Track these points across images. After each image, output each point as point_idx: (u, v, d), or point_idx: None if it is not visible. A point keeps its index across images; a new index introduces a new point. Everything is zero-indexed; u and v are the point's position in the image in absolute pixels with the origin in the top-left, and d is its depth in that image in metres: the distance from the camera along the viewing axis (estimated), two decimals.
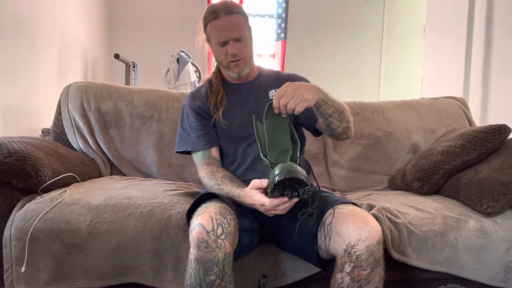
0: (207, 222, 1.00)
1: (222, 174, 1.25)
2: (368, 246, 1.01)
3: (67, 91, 1.83)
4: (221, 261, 0.98)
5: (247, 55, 1.30)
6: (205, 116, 1.36)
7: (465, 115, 2.00)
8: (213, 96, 1.36)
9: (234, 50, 1.26)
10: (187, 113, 1.38)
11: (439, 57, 3.12)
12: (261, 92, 1.37)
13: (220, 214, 1.04)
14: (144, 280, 1.22)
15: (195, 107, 1.37)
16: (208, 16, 1.28)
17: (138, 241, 1.20)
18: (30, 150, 1.32)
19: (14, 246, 1.18)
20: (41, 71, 2.80)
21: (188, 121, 1.37)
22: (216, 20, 1.25)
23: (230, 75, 1.35)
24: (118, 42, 4.29)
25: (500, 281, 1.28)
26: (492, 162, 1.47)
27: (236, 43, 1.26)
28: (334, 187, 1.86)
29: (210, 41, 1.31)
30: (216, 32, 1.26)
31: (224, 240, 0.99)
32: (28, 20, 2.59)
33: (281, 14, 4.63)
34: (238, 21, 1.26)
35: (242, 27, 1.27)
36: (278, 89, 1.26)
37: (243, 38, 1.27)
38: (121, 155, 1.79)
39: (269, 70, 1.45)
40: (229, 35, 1.25)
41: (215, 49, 1.31)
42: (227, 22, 1.24)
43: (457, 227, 1.29)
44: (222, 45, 1.27)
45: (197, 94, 1.41)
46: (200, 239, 0.98)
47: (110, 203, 1.26)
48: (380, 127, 1.91)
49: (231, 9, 1.26)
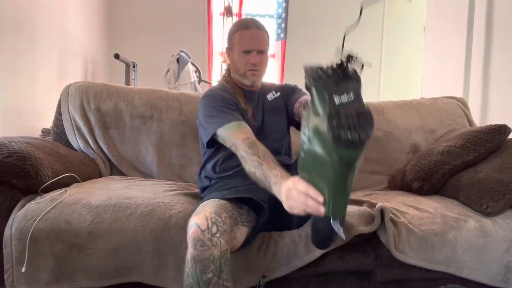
0: (202, 222, 1.02)
1: (264, 149, 1.18)
2: None
3: (67, 91, 1.83)
4: (217, 258, 0.99)
5: (263, 68, 1.45)
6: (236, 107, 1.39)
7: (465, 115, 2.00)
8: (237, 95, 1.44)
9: (256, 60, 1.40)
10: (217, 97, 1.38)
11: (439, 57, 3.12)
12: (262, 97, 1.52)
13: (215, 213, 1.05)
14: (145, 280, 1.22)
15: (227, 96, 1.40)
16: (239, 26, 1.42)
17: (139, 241, 1.20)
18: (30, 150, 1.32)
19: (14, 246, 1.18)
20: (41, 71, 2.80)
21: (216, 100, 1.37)
22: (246, 30, 1.40)
23: (243, 82, 1.46)
24: (118, 42, 4.29)
25: (500, 281, 1.27)
26: (492, 162, 1.47)
27: (258, 55, 1.40)
28: None
29: (232, 48, 1.44)
30: (244, 40, 1.39)
31: (220, 238, 1.01)
32: (28, 20, 2.59)
33: (281, 14, 4.63)
34: (264, 36, 1.42)
35: (266, 43, 1.43)
36: (273, 92, 1.54)
37: (265, 52, 1.42)
38: (121, 155, 1.79)
39: (271, 83, 1.61)
40: (255, 45, 1.39)
41: (236, 57, 1.42)
42: (255, 34, 1.40)
43: (456, 226, 1.29)
44: (245, 53, 1.39)
45: (223, 87, 1.46)
46: (195, 238, 1.00)
47: (111, 203, 1.27)
48: (380, 127, 1.91)
49: (261, 26, 1.43)
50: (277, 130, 1.50)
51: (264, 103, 1.51)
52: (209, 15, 4.40)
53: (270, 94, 1.53)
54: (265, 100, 1.52)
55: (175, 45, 3.84)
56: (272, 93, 1.54)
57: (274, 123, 1.50)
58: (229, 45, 1.46)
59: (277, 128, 1.51)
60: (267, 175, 1.10)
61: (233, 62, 1.46)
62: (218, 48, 4.52)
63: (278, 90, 1.56)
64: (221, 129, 1.29)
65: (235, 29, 1.43)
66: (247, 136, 1.23)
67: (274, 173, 1.09)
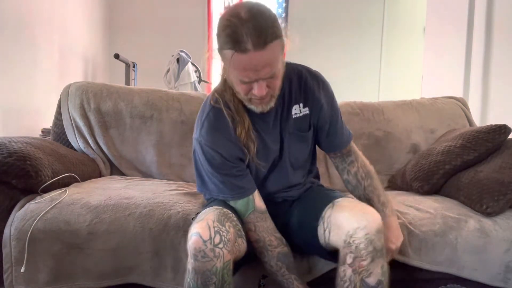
0: (204, 231, 0.95)
1: (277, 253, 1.11)
2: (367, 234, 0.97)
3: (67, 91, 1.83)
4: (219, 270, 0.94)
5: (276, 89, 1.03)
6: (238, 159, 1.10)
7: (465, 115, 2.00)
8: (240, 128, 1.08)
9: (261, 92, 0.98)
10: (213, 157, 1.08)
11: (439, 57, 3.12)
12: (285, 110, 1.15)
13: (218, 222, 0.98)
14: (144, 280, 1.22)
15: (225, 152, 1.08)
16: (230, 41, 0.92)
17: (138, 241, 1.20)
18: (30, 150, 1.32)
19: (13, 246, 1.18)
20: (41, 71, 2.80)
21: (217, 168, 1.08)
22: (241, 54, 0.91)
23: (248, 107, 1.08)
24: (118, 42, 4.29)
25: (500, 281, 1.27)
26: (492, 162, 1.47)
27: (265, 81, 0.97)
28: (334, 187, 1.86)
29: (225, 63, 1.01)
30: (240, 69, 0.95)
31: (223, 249, 0.95)
32: (28, 20, 2.59)
33: (281, 14, 4.63)
34: (270, 56, 0.93)
35: (276, 60, 0.96)
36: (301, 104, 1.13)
37: (275, 75, 0.98)
38: (121, 155, 1.79)
39: (292, 71, 1.16)
40: (257, 75, 0.95)
41: (234, 80, 1.00)
42: (256, 60, 0.92)
43: (457, 227, 1.29)
44: (244, 83, 0.98)
45: (222, 129, 1.08)
46: (197, 249, 0.94)
47: (110, 203, 1.26)
48: (380, 127, 1.91)
49: (265, 39, 0.90)
50: (299, 162, 1.21)
51: (287, 121, 1.15)
52: (209, 15, 4.39)
53: (295, 107, 1.14)
54: (289, 117, 1.15)
55: (175, 45, 3.84)
56: (299, 106, 1.15)
57: (297, 151, 1.19)
58: (221, 57, 1.00)
59: (301, 158, 1.21)
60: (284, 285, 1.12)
61: (229, 79, 1.04)
62: None
63: (305, 102, 1.16)
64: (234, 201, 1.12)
65: (225, 42, 0.93)
66: (257, 238, 1.11)
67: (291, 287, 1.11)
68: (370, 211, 1.03)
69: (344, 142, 1.23)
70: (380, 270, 1.00)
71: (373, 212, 1.03)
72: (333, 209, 1.06)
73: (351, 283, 1.00)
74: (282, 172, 1.20)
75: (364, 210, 1.03)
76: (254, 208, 1.11)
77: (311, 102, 1.16)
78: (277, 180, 1.21)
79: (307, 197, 1.23)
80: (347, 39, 4.54)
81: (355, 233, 0.98)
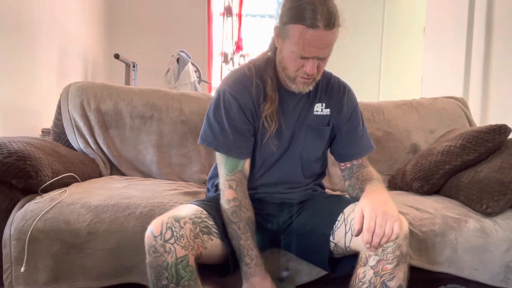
0: (155, 227, 0.97)
1: (248, 217, 1.12)
2: (396, 238, 0.97)
3: (67, 91, 1.83)
4: (171, 265, 0.95)
5: (320, 73, 1.12)
6: (250, 120, 1.15)
7: (465, 115, 2.00)
8: (268, 105, 1.14)
9: (313, 70, 1.07)
10: (229, 103, 1.13)
11: (439, 57, 3.12)
12: (307, 104, 1.21)
13: (174, 218, 0.99)
14: (144, 280, 1.21)
15: (242, 101, 1.13)
16: (302, 17, 1.01)
17: (138, 241, 1.20)
18: (30, 150, 1.32)
19: (13, 246, 1.18)
20: (41, 71, 2.80)
21: (228, 116, 1.13)
22: (311, 29, 1.01)
23: (287, 84, 1.15)
24: (118, 42, 4.29)
25: (500, 281, 1.27)
26: (492, 162, 1.47)
27: (317, 61, 1.07)
28: (334, 187, 1.86)
29: (282, 37, 1.08)
30: (305, 44, 1.03)
31: (174, 244, 0.95)
32: (28, 20, 2.59)
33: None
34: (333, 37, 1.05)
35: (333, 45, 1.07)
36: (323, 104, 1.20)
37: (327, 58, 1.09)
38: (121, 155, 1.79)
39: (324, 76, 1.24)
40: (317, 53, 1.05)
41: (288, 55, 1.08)
42: (323, 38, 1.02)
43: (457, 227, 1.29)
44: (301, 58, 1.06)
45: (247, 84, 1.15)
46: (148, 244, 0.96)
47: (110, 203, 1.26)
48: (380, 127, 1.91)
49: (334, 21, 1.02)
50: (311, 158, 1.24)
51: (307, 115, 1.20)
52: (209, 15, 4.40)
53: (318, 105, 1.21)
54: (310, 112, 1.20)
55: (175, 45, 3.84)
56: (322, 105, 1.21)
57: (311, 146, 1.22)
58: (280, 30, 1.08)
59: (313, 154, 1.24)
60: (242, 251, 1.09)
61: (281, 54, 1.10)
62: (218, 48, 4.52)
63: (328, 103, 1.22)
64: (217, 154, 1.17)
65: (296, 18, 1.02)
66: (235, 197, 1.12)
67: (250, 254, 1.09)
68: (400, 217, 1.03)
69: (359, 152, 1.25)
70: (403, 275, 1.01)
71: (403, 218, 1.03)
72: None
73: (370, 285, 1.00)
74: (290, 163, 1.22)
75: None
76: (242, 169, 1.15)
77: (333, 104, 1.23)
78: (283, 170, 1.21)
79: (317, 204, 1.23)
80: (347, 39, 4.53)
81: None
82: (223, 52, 4.53)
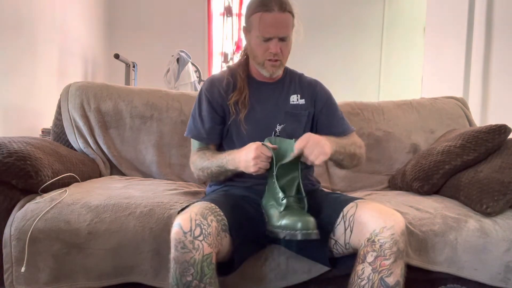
0: (185, 223, 0.99)
1: (213, 152, 1.30)
2: (393, 234, 1.01)
3: (67, 91, 1.83)
4: (198, 262, 0.96)
5: (285, 57, 1.28)
6: (217, 110, 1.33)
7: (465, 115, 2.00)
8: (236, 94, 1.31)
9: (276, 49, 1.23)
10: (202, 99, 1.36)
11: (439, 57, 3.12)
12: (283, 95, 1.36)
13: (201, 215, 1.01)
14: (144, 280, 1.22)
15: (211, 97, 1.33)
16: (259, 5, 1.22)
17: (138, 241, 1.20)
18: (30, 150, 1.32)
19: (14, 246, 1.18)
20: (41, 71, 2.80)
21: (199, 108, 1.35)
22: (267, 13, 1.20)
23: (261, 73, 1.31)
24: (118, 42, 4.29)
25: (500, 281, 1.27)
26: (492, 162, 1.47)
27: (279, 42, 1.23)
28: (334, 187, 1.86)
29: (249, 30, 1.27)
30: (264, 26, 1.21)
31: (202, 242, 0.97)
32: (28, 20, 2.59)
33: None
34: (288, 19, 1.23)
35: (289, 27, 1.24)
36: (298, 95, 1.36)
37: (287, 39, 1.25)
38: (121, 155, 1.79)
39: (294, 72, 1.43)
40: (276, 32, 1.21)
41: (254, 42, 1.26)
42: (277, 19, 1.20)
43: (457, 227, 1.29)
44: (265, 41, 1.23)
45: (217, 83, 1.35)
46: (177, 240, 0.98)
47: (110, 203, 1.26)
48: (380, 127, 1.91)
49: (285, 6, 1.22)
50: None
51: (284, 104, 1.35)
52: (209, 15, 4.40)
53: (293, 96, 1.36)
54: (287, 101, 1.35)
55: (175, 45, 3.84)
56: (297, 96, 1.36)
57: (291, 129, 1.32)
58: (247, 26, 1.28)
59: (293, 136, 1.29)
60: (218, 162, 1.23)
61: (250, 46, 1.29)
62: (218, 48, 4.51)
63: (302, 94, 1.37)
64: (192, 139, 1.38)
65: (255, 8, 1.23)
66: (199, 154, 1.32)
67: (223, 156, 1.23)
68: (396, 213, 1.07)
69: (345, 131, 1.36)
70: (400, 271, 1.03)
71: (399, 214, 1.07)
72: (357, 208, 1.10)
73: (369, 281, 1.02)
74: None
75: (391, 211, 1.07)
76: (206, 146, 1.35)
77: (307, 95, 1.38)
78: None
79: (318, 202, 1.23)
80: (347, 39, 4.54)
81: (381, 232, 1.02)
82: (223, 52, 4.53)
